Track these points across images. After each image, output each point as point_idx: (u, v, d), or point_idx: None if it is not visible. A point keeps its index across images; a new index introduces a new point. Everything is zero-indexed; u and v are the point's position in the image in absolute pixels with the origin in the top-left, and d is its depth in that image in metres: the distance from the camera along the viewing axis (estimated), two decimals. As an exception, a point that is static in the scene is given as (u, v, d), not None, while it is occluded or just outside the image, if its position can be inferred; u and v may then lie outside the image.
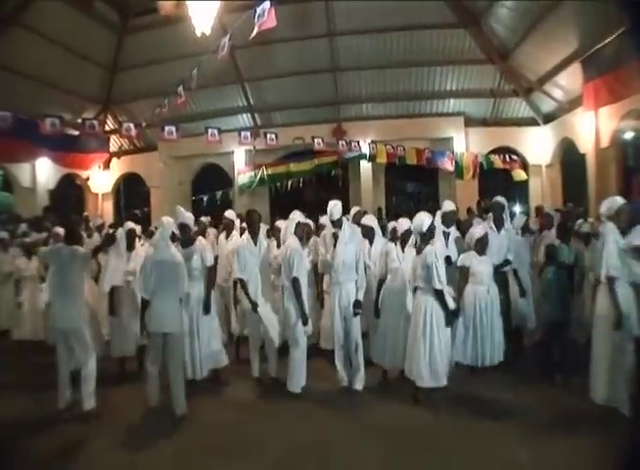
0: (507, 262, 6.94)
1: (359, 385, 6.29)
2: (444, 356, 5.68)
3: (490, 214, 7.48)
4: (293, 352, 6.22)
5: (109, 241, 6.56)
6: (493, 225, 7.15)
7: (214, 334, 6.59)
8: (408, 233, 6.40)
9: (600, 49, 12.10)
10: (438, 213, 7.12)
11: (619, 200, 5.41)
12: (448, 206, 7.25)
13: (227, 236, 8.32)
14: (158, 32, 15.18)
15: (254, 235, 6.63)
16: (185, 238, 6.57)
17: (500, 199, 7.30)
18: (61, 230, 8.17)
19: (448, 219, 7.16)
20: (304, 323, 6.17)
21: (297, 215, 6.65)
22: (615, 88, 11.94)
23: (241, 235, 7.39)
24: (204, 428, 5.37)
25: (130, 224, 7.37)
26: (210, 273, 6.66)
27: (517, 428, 5.05)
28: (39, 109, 14.21)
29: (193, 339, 6.35)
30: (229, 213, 8.70)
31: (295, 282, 6.15)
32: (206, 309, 6.44)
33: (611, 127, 13.13)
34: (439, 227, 6.65)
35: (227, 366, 6.74)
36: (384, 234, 7.66)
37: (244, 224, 7.71)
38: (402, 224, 6.54)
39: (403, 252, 6.45)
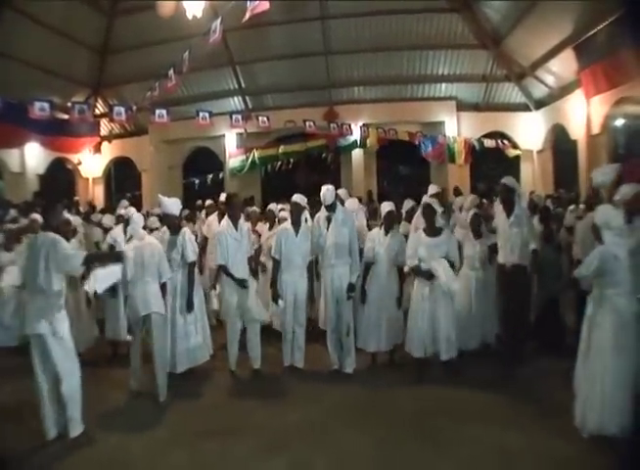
0: (535, 254, 6.28)
1: (350, 368, 6.40)
2: (448, 330, 5.98)
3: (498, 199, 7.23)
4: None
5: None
6: (499, 210, 6.63)
7: (194, 328, 6.48)
8: (390, 216, 6.59)
9: (593, 35, 12.10)
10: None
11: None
12: (432, 189, 7.31)
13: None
14: (148, 15, 14.91)
15: (235, 220, 6.56)
16: (170, 225, 6.52)
17: (507, 180, 6.45)
18: (38, 216, 7.92)
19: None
20: (274, 300, 6.54)
21: (297, 198, 6.76)
22: (611, 75, 11.94)
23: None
24: (194, 411, 5.44)
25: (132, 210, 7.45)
26: (190, 269, 6.48)
27: (508, 409, 5.17)
28: (28, 92, 13.98)
29: (172, 331, 6.31)
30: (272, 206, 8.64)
31: (273, 260, 6.64)
32: (189, 307, 6.37)
33: (602, 114, 13.16)
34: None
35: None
36: (375, 217, 7.72)
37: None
38: (384, 207, 6.71)
39: (386, 235, 6.55)
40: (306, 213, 7.13)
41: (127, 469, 4.43)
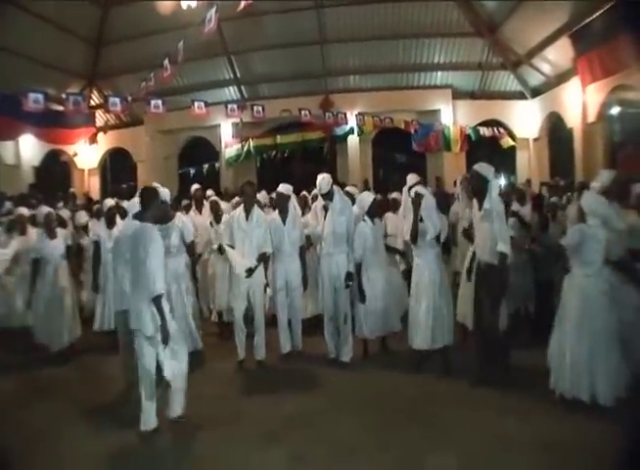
0: (503, 257, 5.33)
1: (347, 357, 6.45)
2: (448, 318, 6.01)
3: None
4: None
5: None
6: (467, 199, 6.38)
7: (190, 315, 6.56)
8: (373, 205, 6.61)
9: (589, 23, 12.09)
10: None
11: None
12: (412, 179, 7.18)
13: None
14: (142, 5, 14.85)
15: (247, 209, 6.54)
16: (162, 215, 6.48)
17: (478, 166, 5.56)
18: (25, 211, 8.01)
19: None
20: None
21: (282, 188, 6.86)
22: (607, 62, 11.96)
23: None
24: (190, 401, 5.45)
25: (110, 201, 7.39)
26: (190, 249, 6.64)
27: (503, 397, 5.20)
28: (22, 84, 13.87)
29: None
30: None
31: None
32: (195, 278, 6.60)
33: (598, 102, 13.18)
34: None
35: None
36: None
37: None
38: (367, 197, 6.76)
39: (373, 224, 6.60)
40: (294, 202, 7.10)
41: (126, 461, 4.46)
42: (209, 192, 10.14)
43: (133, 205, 5.78)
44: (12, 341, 7.51)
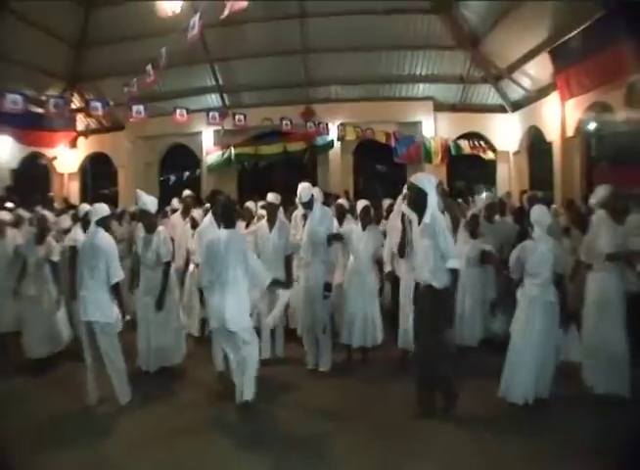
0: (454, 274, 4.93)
1: (325, 367, 6.45)
2: None
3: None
4: None
5: None
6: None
7: (168, 328, 6.43)
8: (366, 210, 6.75)
9: (569, 39, 12.27)
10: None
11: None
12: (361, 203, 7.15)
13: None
14: (126, 8, 14.81)
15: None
16: (146, 223, 6.48)
17: (414, 178, 5.11)
18: (4, 214, 7.83)
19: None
20: None
21: (272, 198, 6.93)
22: (584, 79, 12.19)
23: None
24: (171, 410, 5.47)
25: (87, 207, 7.19)
26: (165, 269, 6.42)
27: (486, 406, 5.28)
28: (0, 85, 13.70)
29: (146, 329, 6.32)
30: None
31: None
32: (159, 306, 6.28)
33: (576, 118, 13.38)
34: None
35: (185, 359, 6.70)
36: (353, 214, 7.77)
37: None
38: (360, 204, 6.91)
39: (364, 230, 6.67)
40: (281, 211, 7.19)
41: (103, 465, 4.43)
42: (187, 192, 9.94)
43: (96, 211, 5.74)
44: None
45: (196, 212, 8.33)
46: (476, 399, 5.34)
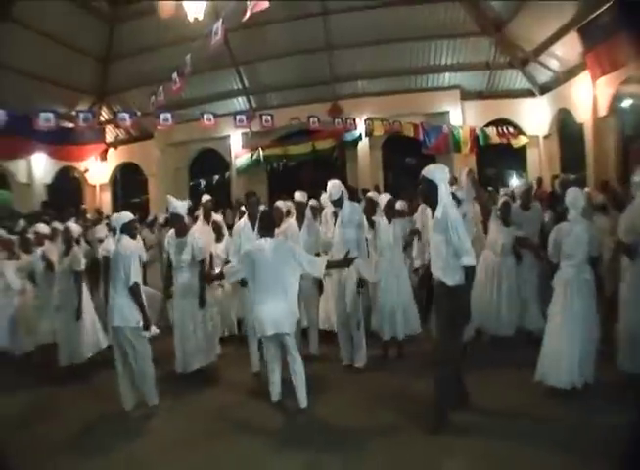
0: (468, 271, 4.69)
1: (360, 363, 6.44)
2: None
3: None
4: None
5: None
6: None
7: (205, 329, 6.55)
8: (390, 204, 6.81)
9: (597, 16, 12.01)
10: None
11: None
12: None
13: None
14: (149, 19, 14.95)
15: (253, 219, 6.47)
16: (178, 227, 6.59)
17: (426, 171, 4.84)
18: (43, 228, 8.09)
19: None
20: None
21: (299, 196, 7.12)
22: (616, 55, 11.87)
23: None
24: (204, 411, 5.52)
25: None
26: (202, 267, 6.56)
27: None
28: (32, 103, 14.01)
29: (182, 332, 6.41)
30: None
31: None
32: (201, 304, 6.45)
33: (608, 96, 13.08)
34: None
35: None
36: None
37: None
38: (383, 199, 6.94)
39: (389, 223, 6.70)
40: (309, 209, 7.33)
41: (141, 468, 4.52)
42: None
43: (119, 218, 5.82)
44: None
45: (217, 217, 8.48)
46: (511, 388, 5.38)
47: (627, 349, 5.34)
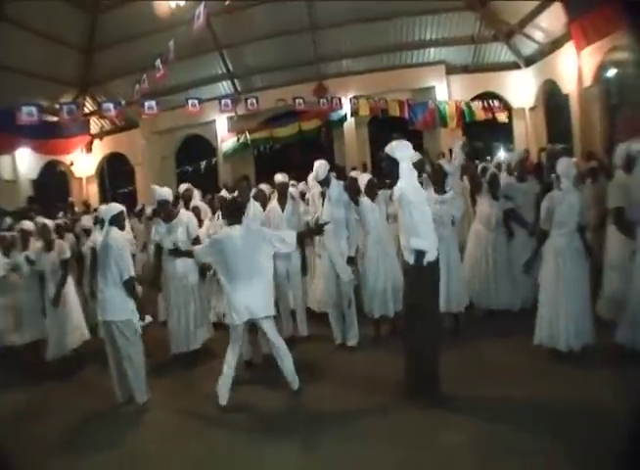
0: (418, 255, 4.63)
1: (353, 341, 6.43)
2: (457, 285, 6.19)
3: None
4: None
5: None
6: None
7: (202, 304, 6.66)
8: (371, 184, 6.57)
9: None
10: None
11: None
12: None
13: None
14: (131, 7, 14.72)
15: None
16: (166, 212, 6.59)
17: (388, 147, 4.74)
18: (28, 224, 7.80)
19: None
20: None
21: (280, 177, 6.96)
22: (600, 25, 11.91)
23: None
24: (195, 400, 5.52)
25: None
26: (196, 244, 6.40)
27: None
28: (15, 98, 13.67)
29: (179, 313, 6.46)
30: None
31: None
32: (203, 275, 6.62)
33: (594, 66, 13.13)
34: None
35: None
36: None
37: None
38: (363, 178, 6.74)
39: (373, 202, 6.52)
40: (291, 189, 7.28)
41: (140, 461, 4.53)
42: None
43: (108, 210, 5.66)
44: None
45: (199, 202, 8.31)
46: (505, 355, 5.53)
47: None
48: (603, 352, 5.18)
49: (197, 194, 8.87)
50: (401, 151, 4.65)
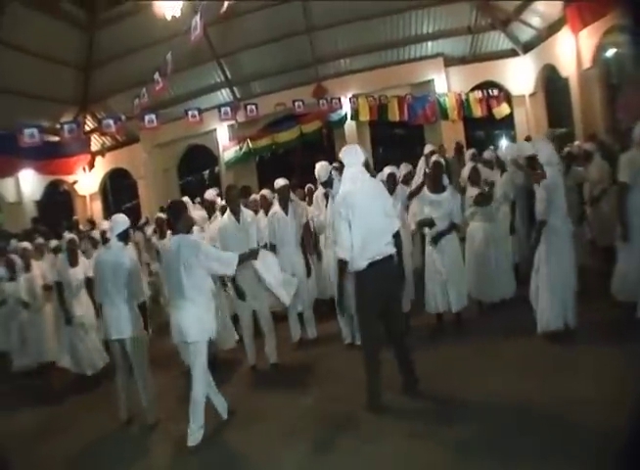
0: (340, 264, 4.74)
1: None
2: (457, 283, 6.19)
3: None
4: None
5: None
6: None
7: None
8: (391, 178, 6.63)
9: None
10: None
11: None
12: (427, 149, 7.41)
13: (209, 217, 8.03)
14: (127, 22, 14.70)
15: (236, 212, 6.25)
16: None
17: (344, 149, 4.94)
18: (28, 245, 8.02)
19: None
20: None
21: (281, 182, 6.93)
22: (597, 6, 11.89)
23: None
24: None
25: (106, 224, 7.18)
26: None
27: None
28: (15, 120, 13.64)
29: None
30: (208, 194, 8.63)
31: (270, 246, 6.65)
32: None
33: (592, 47, 13.10)
34: None
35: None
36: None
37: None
38: (385, 171, 6.80)
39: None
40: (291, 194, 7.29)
41: (153, 461, 4.58)
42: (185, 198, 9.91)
43: (116, 224, 5.45)
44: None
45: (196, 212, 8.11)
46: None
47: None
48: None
49: (191, 205, 8.82)
50: (349, 157, 4.67)
